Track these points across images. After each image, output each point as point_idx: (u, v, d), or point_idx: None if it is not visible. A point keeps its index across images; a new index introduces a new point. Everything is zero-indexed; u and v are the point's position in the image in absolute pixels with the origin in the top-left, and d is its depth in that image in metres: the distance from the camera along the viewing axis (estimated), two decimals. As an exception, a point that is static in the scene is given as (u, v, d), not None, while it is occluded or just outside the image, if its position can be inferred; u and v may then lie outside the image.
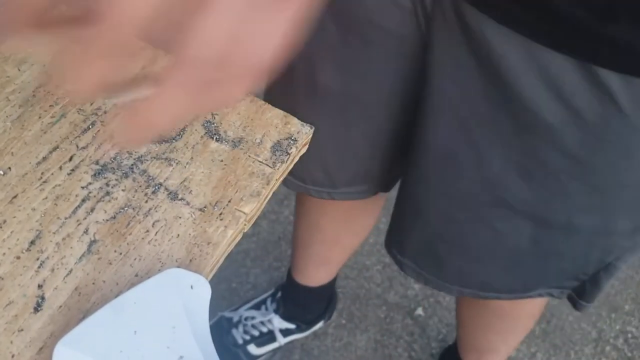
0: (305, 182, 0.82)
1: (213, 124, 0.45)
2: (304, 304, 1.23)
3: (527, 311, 0.94)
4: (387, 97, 0.70)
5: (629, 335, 1.38)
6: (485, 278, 0.76)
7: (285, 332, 1.24)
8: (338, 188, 0.82)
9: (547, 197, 0.62)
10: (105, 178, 0.41)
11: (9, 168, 0.40)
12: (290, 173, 0.82)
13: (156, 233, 0.39)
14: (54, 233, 0.38)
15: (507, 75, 0.54)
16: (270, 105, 0.47)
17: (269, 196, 0.44)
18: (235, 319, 1.24)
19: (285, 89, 0.73)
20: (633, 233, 0.67)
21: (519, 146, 0.59)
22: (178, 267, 0.38)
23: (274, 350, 1.25)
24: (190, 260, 0.38)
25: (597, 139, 0.56)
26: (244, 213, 0.41)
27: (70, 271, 0.37)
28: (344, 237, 1.08)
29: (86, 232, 0.38)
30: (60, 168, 0.41)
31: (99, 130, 0.43)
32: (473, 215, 0.68)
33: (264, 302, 1.26)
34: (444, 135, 0.63)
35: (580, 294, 0.76)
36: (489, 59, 0.54)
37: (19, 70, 0.45)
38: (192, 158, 0.43)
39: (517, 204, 0.64)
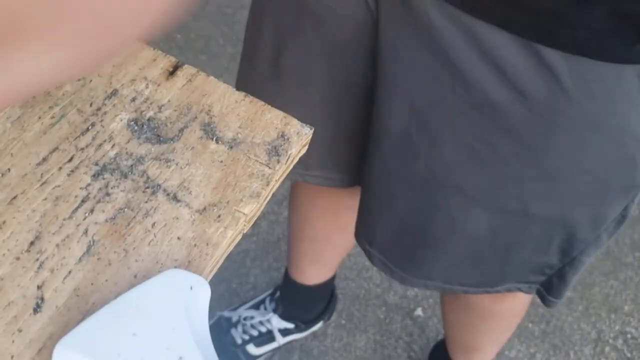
0: None
1: (212, 125, 0.45)
2: (301, 303, 1.23)
3: (511, 309, 0.94)
4: (346, 79, 0.70)
5: (629, 336, 1.38)
6: (448, 270, 0.76)
7: (284, 332, 1.24)
8: (309, 170, 0.82)
9: (500, 183, 0.62)
10: (104, 179, 0.41)
11: (9, 169, 0.40)
12: None
13: (155, 234, 0.39)
14: (54, 234, 0.38)
15: (451, 55, 0.54)
16: (269, 106, 0.47)
17: (269, 197, 0.44)
18: (234, 318, 1.24)
19: (250, 72, 0.75)
20: (593, 225, 0.66)
21: (469, 129, 0.58)
22: (177, 267, 0.38)
23: (273, 350, 1.25)
24: (190, 261, 0.38)
25: (544, 120, 0.55)
26: (244, 214, 0.41)
27: (70, 272, 0.37)
28: (333, 233, 1.08)
29: (85, 233, 0.38)
30: (60, 169, 0.41)
31: (98, 132, 0.43)
32: (431, 202, 0.68)
33: (262, 301, 1.26)
34: (397, 119, 0.63)
35: (548, 289, 0.76)
36: (434, 40, 0.54)
37: (19, 71, 0.45)
38: (191, 159, 0.43)
39: (471, 190, 0.63)
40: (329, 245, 1.12)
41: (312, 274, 1.19)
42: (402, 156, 0.66)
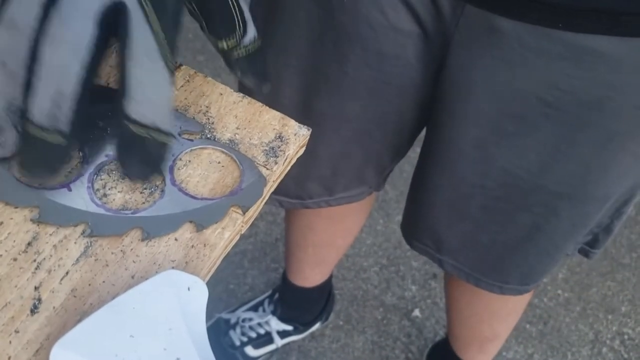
0: (303, 199, 0.84)
1: (210, 126, 0.45)
2: (301, 305, 1.23)
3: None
4: (385, 115, 0.71)
5: (626, 337, 1.38)
6: (526, 270, 0.77)
7: (283, 334, 1.24)
8: (335, 195, 0.83)
9: (585, 174, 0.63)
10: (102, 180, 0.41)
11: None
12: (286, 194, 0.83)
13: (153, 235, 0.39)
14: (51, 235, 0.38)
15: (544, 69, 0.55)
16: (267, 107, 0.47)
17: (267, 198, 0.44)
18: (233, 320, 1.24)
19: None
20: None
21: (554, 131, 0.60)
22: (175, 268, 0.38)
23: (272, 352, 1.25)
24: (187, 262, 0.38)
25: (636, 108, 0.56)
26: (241, 215, 0.41)
27: (67, 273, 0.37)
28: (338, 237, 1.08)
29: (83, 233, 0.38)
30: (57, 170, 0.41)
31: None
32: (511, 205, 0.69)
33: (261, 303, 1.26)
34: (469, 135, 0.64)
35: (593, 244, 0.78)
36: (522, 58, 0.55)
37: (16, 71, 0.45)
38: (189, 160, 0.43)
39: (556, 186, 0.65)
40: (333, 248, 1.12)
41: (313, 277, 1.19)
42: (478, 167, 0.67)
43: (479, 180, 0.68)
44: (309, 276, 1.18)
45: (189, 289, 0.36)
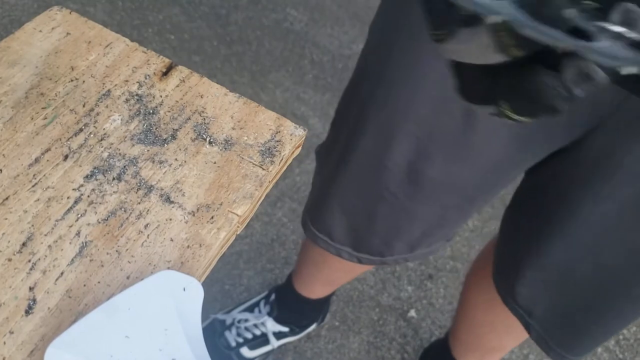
0: (383, 256, 0.82)
1: (206, 126, 0.45)
2: (300, 311, 1.23)
3: None
4: (497, 185, 0.69)
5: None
6: (600, 339, 0.77)
7: (279, 335, 1.24)
8: (415, 251, 0.81)
9: None
10: (97, 180, 0.41)
11: (0, 170, 0.40)
12: (369, 252, 0.81)
13: (148, 235, 0.39)
14: (46, 235, 0.38)
15: None
16: (263, 107, 0.47)
17: (262, 198, 0.44)
18: (228, 321, 1.24)
19: (374, 182, 0.70)
20: None
21: None
22: (170, 269, 0.38)
23: (267, 353, 1.25)
24: (183, 263, 0.38)
25: None
26: (237, 215, 0.41)
27: (62, 273, 0.36)
28: (357, 267, 1.07)
29: (78, 234, 0.38)
30: (53, 170, 0.41)
31: (91, 132, 0.43)
32: (618, 287, 0.68)
33: (257, 304, 1.26)
34: (603, 214, 0.63)
35: None
36: None
37: (11, 71, 0.45)
38: (185, 160, 0.43)
39: None
40: (349, 274, 1.10)
41: (321, 292, 1.18)
42: (597, 242, 0.66)
43: (595, 258, 0.67)
44: (317, 290, 1.17)
45: (184, 289, 0.36)
